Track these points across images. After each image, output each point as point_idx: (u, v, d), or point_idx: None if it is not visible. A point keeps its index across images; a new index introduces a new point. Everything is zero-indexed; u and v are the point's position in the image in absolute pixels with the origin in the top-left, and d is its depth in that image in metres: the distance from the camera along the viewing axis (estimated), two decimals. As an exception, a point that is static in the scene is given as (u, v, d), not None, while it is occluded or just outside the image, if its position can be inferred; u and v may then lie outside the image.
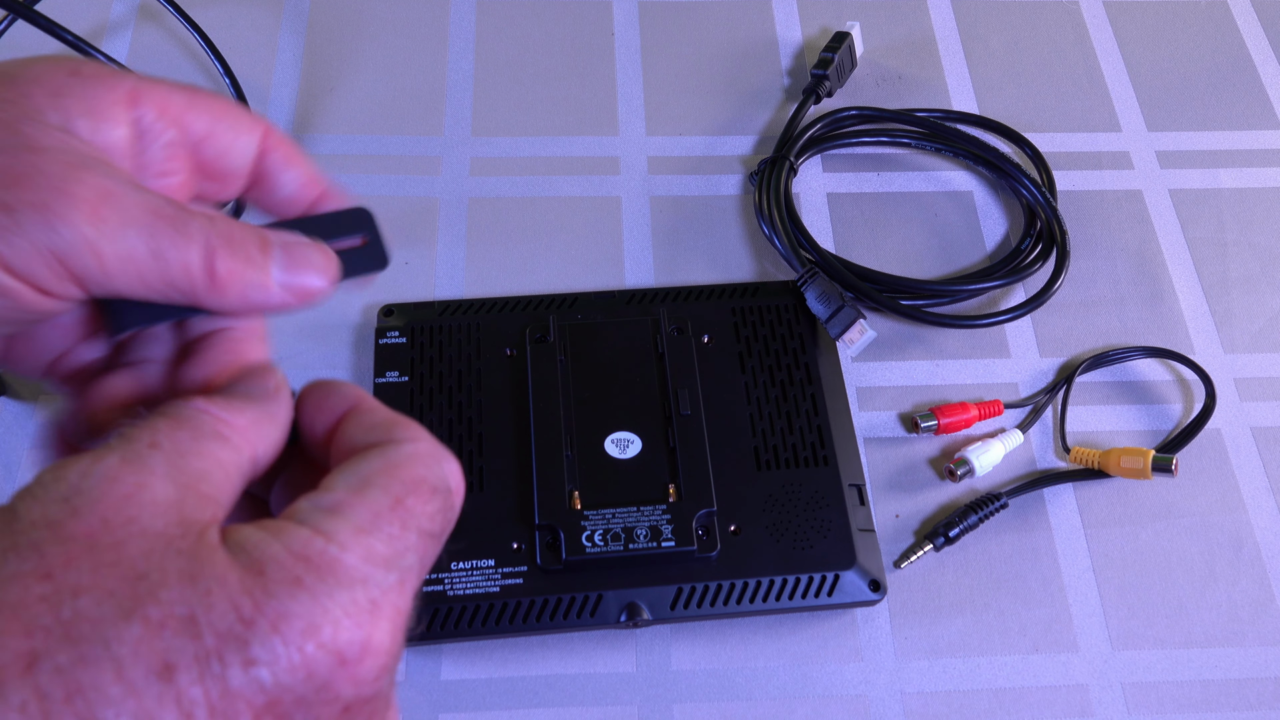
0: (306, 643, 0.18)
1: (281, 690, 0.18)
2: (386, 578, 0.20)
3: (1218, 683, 0.43)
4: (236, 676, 0.17)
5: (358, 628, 0.19)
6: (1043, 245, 0.53)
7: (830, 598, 0.42)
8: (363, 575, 0.19)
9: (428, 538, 0.21)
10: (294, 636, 0.18)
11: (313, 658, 0.18)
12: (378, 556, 0.20)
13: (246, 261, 0.23)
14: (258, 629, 0.18)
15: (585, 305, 0.50)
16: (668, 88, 0.60)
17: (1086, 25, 0.64)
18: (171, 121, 0.24)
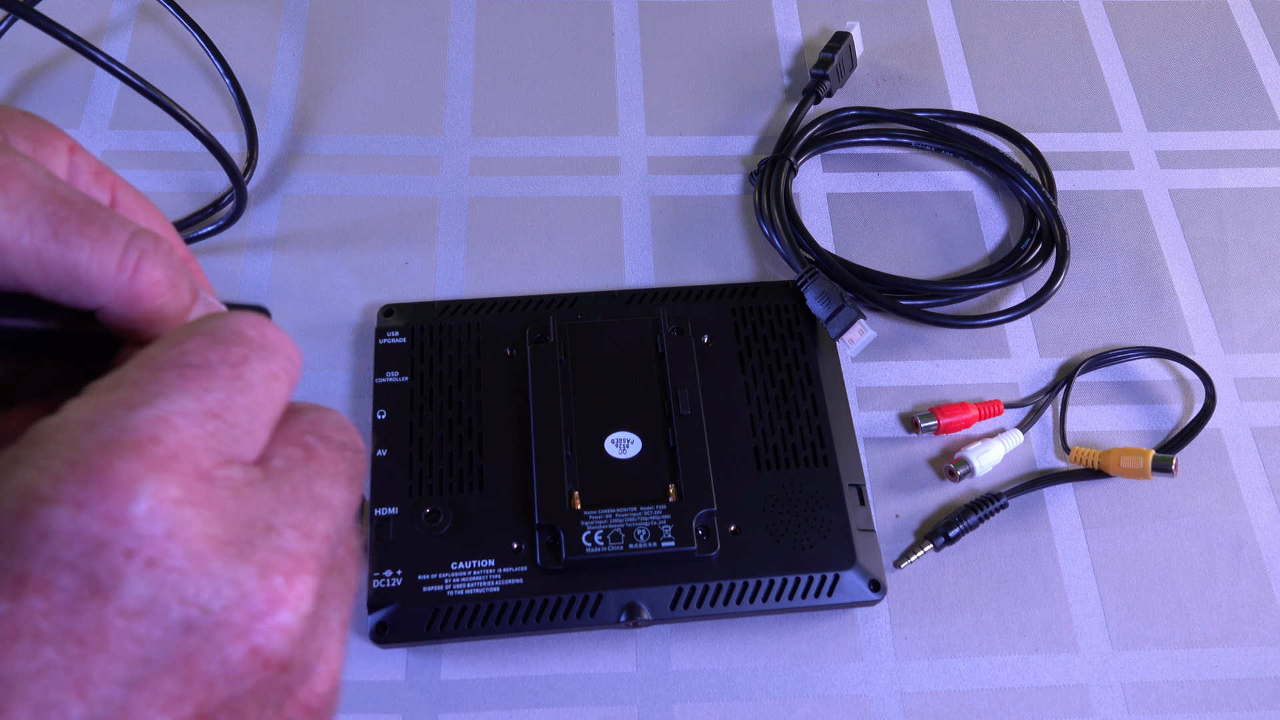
0: (25, 505, 0.17)
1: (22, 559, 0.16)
2: (131, 417, 0.18)
3: (1218, 683, 0.43)
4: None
5: (87, 474, 0.17)
6: (1043, 245, 0.53)
7: (830, 598, 0.42)
8: (89, 422, 0.18)
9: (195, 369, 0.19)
10: (11, 503, 0.17)
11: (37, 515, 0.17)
12: (113, 404, 0.18)
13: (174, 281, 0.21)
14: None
15: (585, 305, 0.50)
16: (668, 88, 0.60)
17: (1086, 25, 0.64)
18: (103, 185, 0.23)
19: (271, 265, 0.52)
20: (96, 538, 0.16)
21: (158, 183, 0.55)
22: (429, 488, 0.44)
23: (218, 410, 0.19)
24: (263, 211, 0.54)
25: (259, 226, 0.53)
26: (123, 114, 0.57)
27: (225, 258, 0.52)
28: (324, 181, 0.55)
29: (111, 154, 0.55)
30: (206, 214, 0.53)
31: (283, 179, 0.55)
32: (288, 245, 0.53)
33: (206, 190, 0.54)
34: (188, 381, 0.19)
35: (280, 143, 0.56)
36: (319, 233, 0.53)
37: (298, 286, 0.51)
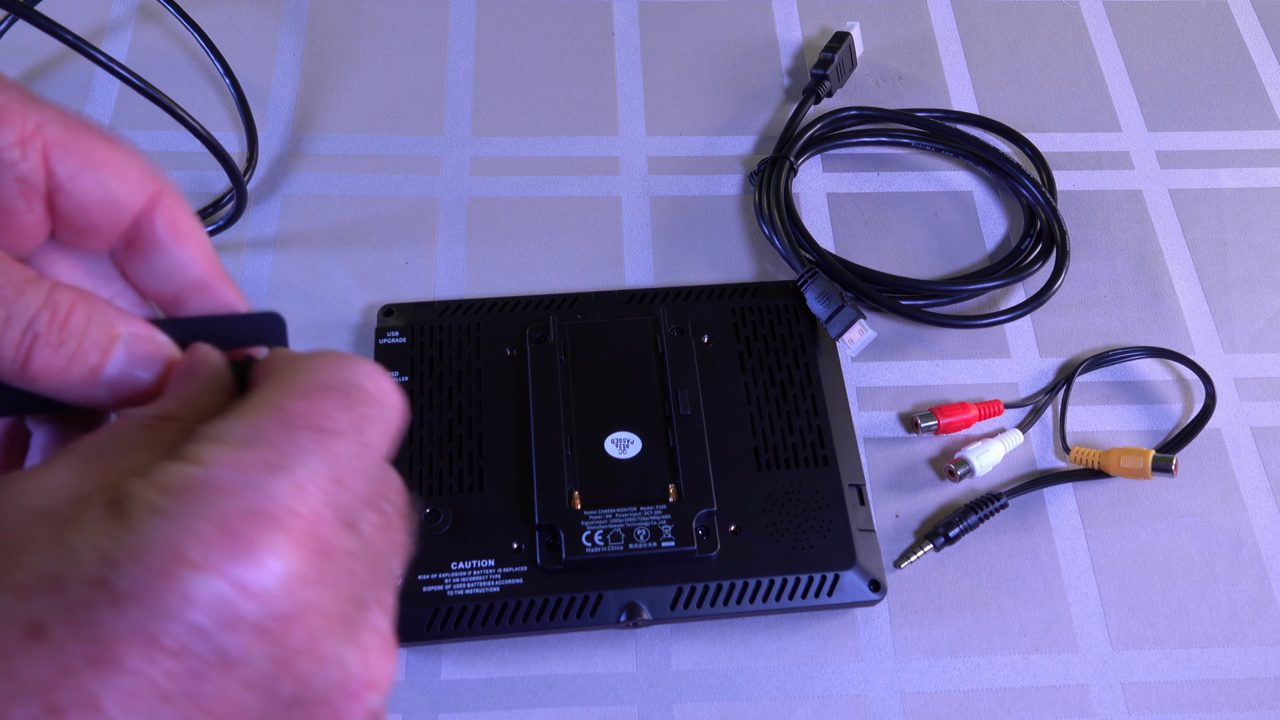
0: (172, 567, 0.16)
1: (163, 622, 0.16)
2: (272, 483, 0.18)
3: (1218, 683, 0.43)
4: (108, 619, 0.16)
5: (236, 539, 0.17)
6: (1043, 245, 0.53)
7: (830, 598, 0.42)
8: (233, 486, 0.17)
9: (329, 434, 0.19)
10: (156, 563, 0.16)
11: (185, 581, 0.16)
12: (254, 464, 0.18)
13: (73, 360, 0.20)
14: (118, 566, 0.16)
15: (585, 305, 0.50)
16: (668, 88, 0.60)
17: (1086, 25, 0.64)
18: (33, 152, 0.21)
19: (271, 265, 0.52)
20: (235, 612, 0.17)
21: (158, 183, 0.54)
22: (429, 487, 0.44)
23: (342, 478, 0.19)
24: (263, 211, 0.54)
25: (259, 226, 0.53)
26: (123, 114, 0.57)
27: (225, 258, 0.52)
28: (324, 181, 0.55)
29: (111, 154, 0.55)
30: (206, 214, 0.53)
31: (283, 179, 0.55)
32: (288, 245, 0.53)
33: (206, 190, 0.54)
34: (321, 446, 0.19)
35: (280, 143, 0.56)
36: (319, 233, 0.53)
37: (298, 286, 0.51)
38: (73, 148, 0.22)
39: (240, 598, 0.17)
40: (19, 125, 0.21)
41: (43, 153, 0.21)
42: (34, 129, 0.21)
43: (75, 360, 0.20)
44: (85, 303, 0.21)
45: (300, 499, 0.18)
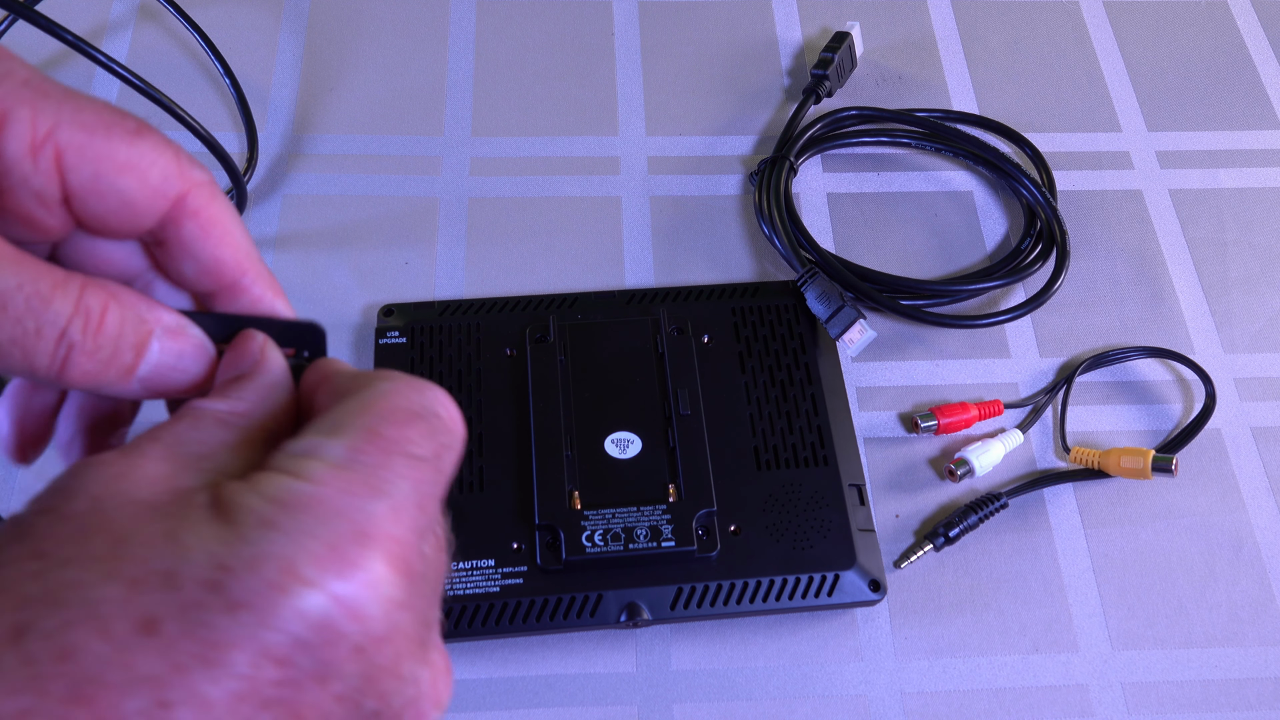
0: (286, 581, 0.17)
1: (270, 631, 0.17)
2: (372, 506, 0.19)
3: (1218, 683, 0.43)
4: (221, 623, 0.17)
5: (344, 560, 0.18)
6: (1043, 245, 0.53)
7: (830, 598, 0.42)
8: (340, 507, 0.19)
9: (417, 461, 0.20)
10: (269, 578, 0.17)
11: (295, 597, 0.17)
12: (357, 487, 0.19)
13: (107, 364, 0.21)
14: (234, 573, 0.17)
15: (585, 305, 0.50)
16: (668, 88, 0.60)
17: (1086, 25, 0.64)
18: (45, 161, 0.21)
19: (271, 265, 0.52)
20: (338, 629, 0.18)
21: (158, 183, 0.54)
22: (429, 488, 0.44)
23: (426, 503, 0.20)
24: (263, 211, 0.54)
25: (259, 226, 0.53)
26: (123, 114, 0.57)
27: (225, 258, 0.52)
28: (324, 181, 0.55)
29: (111, 154, 0.55)
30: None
31: (283, 179, 0.55)
32: (288, 245, 0.53)
33: (206, 190, 0.54)
34: (411, 472, 0.20)
35: (280, 143, 0.56)
36: (319, 233, 0.53)
37: (298, 286, 0.51)
38: (88, 153, 0.21)
39: (343, 616, 0.18)
40: (30, 130, 0.20)
41: (55, 160, 0.21)
42: (46, 134, 0.21)
43: (111, 363, 0.21)
44: (117, 303, 0.21)
45: (396, 524, 0.19)
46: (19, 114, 0.20)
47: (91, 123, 0.21)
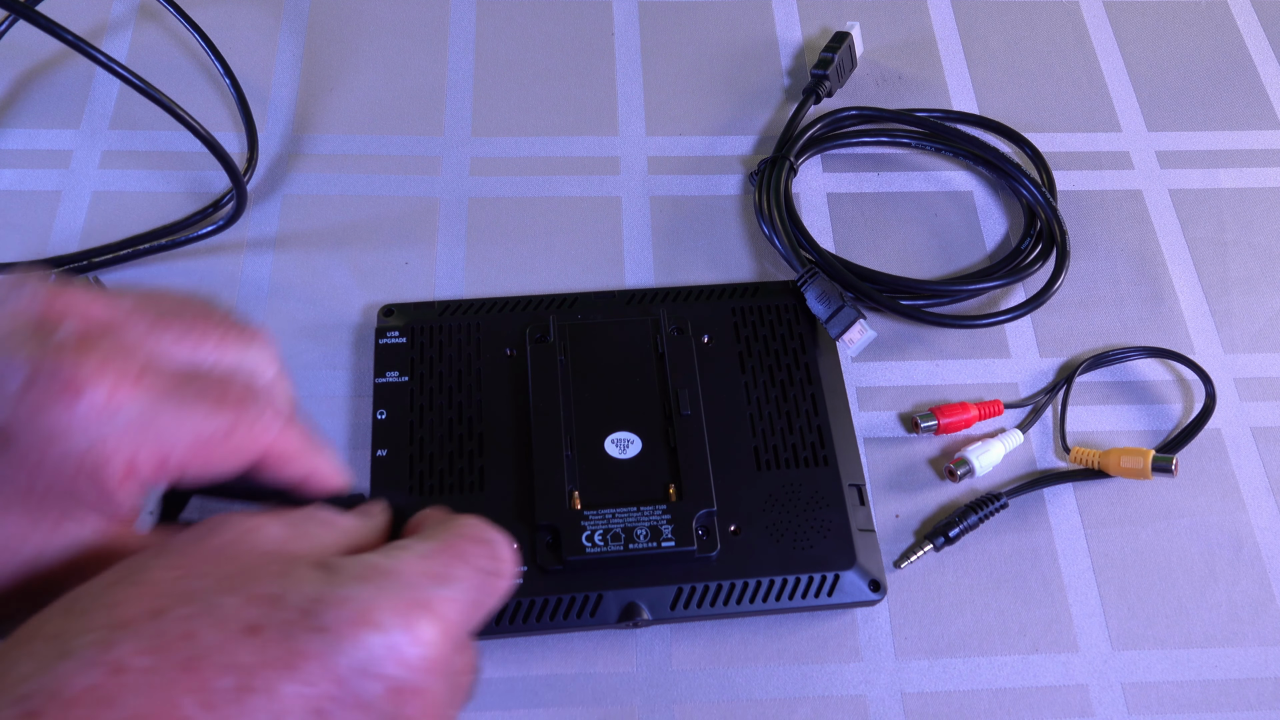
0: (361, 620, 0.22)
1: (339, 654, 0.22)
2: (436, 589, 0.24)
3: (1218, 683, 0.43)
4: (305, 639, 0.22)
5: (404, 617, 0.23)
6: (1043, 245, 0.53)
7: (830, 598, 0.42)
8: (414, 580, 0.24)
9: (478, 571, 0.26)
10: (351, 614, 0.22)
11: (365, 634, 0.22)
12: (430, 572, 0.24)
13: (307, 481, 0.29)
14: (326, 606, 0.22)
15: (585, 305, 0.50)
16: (668, 88, 0.60)
17: (1086, 25, 0.64)
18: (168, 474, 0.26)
19: (271, 265, 0.52)
20: (387, 670, 0.22)
21: (158, 183, 0.55)
22: (429, 487, 0.44)
23: (474, 604, 0.26)
24: (263, 211, 0.54)
25: (259, 226, 0.53)
26: (123, 114, 0.57)
27: (225, 258, 0.52)
28: (324, 181, 0.55)
29: (111, 154, 0.55)
30: (206, 214, 0.53)
31: (283, 179, 0.55)
32: (288, 245, 0.53)
33: (206, 190, 0.54)
34: (471, 579, 0.26)
35: (280, 143, 0.56)
36: (319, 233, 0.53)
37: (298, 286, 0.51)
38: (194, 466, 0.26)
39: (394, 661, 0.22)
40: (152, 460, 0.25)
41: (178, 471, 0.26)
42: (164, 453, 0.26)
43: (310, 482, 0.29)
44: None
45: (451, 608, 0.24)
46: (142, 453, 0.25)
47: (197, 441, 0.26)
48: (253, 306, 0.51)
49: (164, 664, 0.21)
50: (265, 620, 0.22)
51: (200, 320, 0.28)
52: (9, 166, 0.54)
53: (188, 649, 0.21)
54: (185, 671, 0.21)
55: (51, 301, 0.26)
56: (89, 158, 0.55)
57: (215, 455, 0.27)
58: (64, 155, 0.55)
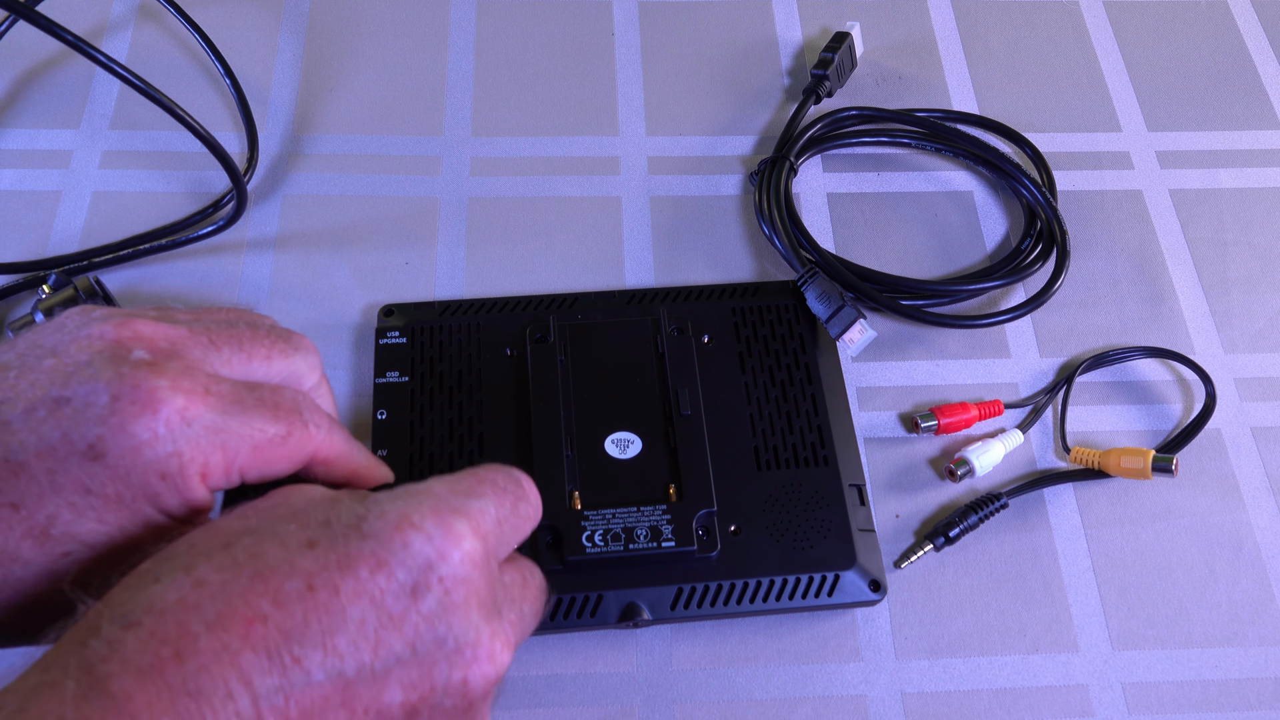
0: (401, 523, 0.27)
1: (387, 553, 0.26)
2: (466, 501, 0.28)
3: (1218, 683, 0.43)
4: (356, 545, 0.26)
5: (439, 518, 0.27)
6: (1043, 245, 0.53)
7: (830, 598, 0.42)
8: (445, 494, 0.28)
9: (502, 491, 0.30)
10: (392, 519, 0.27)
11: (406, 533, 0.26)
12: (458, 489, 0.29)
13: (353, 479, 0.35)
14: (370, 518, 0.27)
15: (585, 305, 0.50)
16: (668, 88, 0.60)
17: (1086, 25, 0.64)
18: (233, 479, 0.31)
19: (271, 265, 0.52)
20: (430, 560, 0.26)
21: (158, 183, 0.55)
22: (429, 488, 0.44)
23: (503, 520, 0.30)
24: (263, 211, 0.54)
25: (259, 226, 0.53)
26: (123, 114, 0.57)
27: (225, 258, 0.52)
28: (324, 181, 0.55)
29: (111, 154, 0.55)
30: (207, 214, 0.53)
31: (283, 179, 0.55)
32: (288, 245, 0.53)
33: (206, 190, 0.54)
34: (497, 496, 0.30)
35: (280, 143, 0.56)
36: (319, 233, 0.53)
37: (298, 287, 0.51)
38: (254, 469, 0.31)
39: (436, 555, 0.26)
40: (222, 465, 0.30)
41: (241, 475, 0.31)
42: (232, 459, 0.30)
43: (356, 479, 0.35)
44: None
45: (482, 516, 0.28)
46: (214, 459, 0.29)
47: (262, 439, 0.30)
48: (253, 307, 0.51)
49: (238, 576, 0.25)
50: (320, 536, 0.26)
51: (249, 334, 0.33)
52: (9, 166, 0.54)
53: (257, 564, 0.25)
54: (257, 580, 0.25)
55: (120, 330, 0.29)
56: (89, 158, 0.55)
57: (273, 458, 0.31)
58: (64, 155, 0.55)
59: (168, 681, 0.23)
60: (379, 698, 0.25)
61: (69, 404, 0.27)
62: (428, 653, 0.26)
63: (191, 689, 0.23)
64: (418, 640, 0.26)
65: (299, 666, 0.24)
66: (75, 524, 0.27)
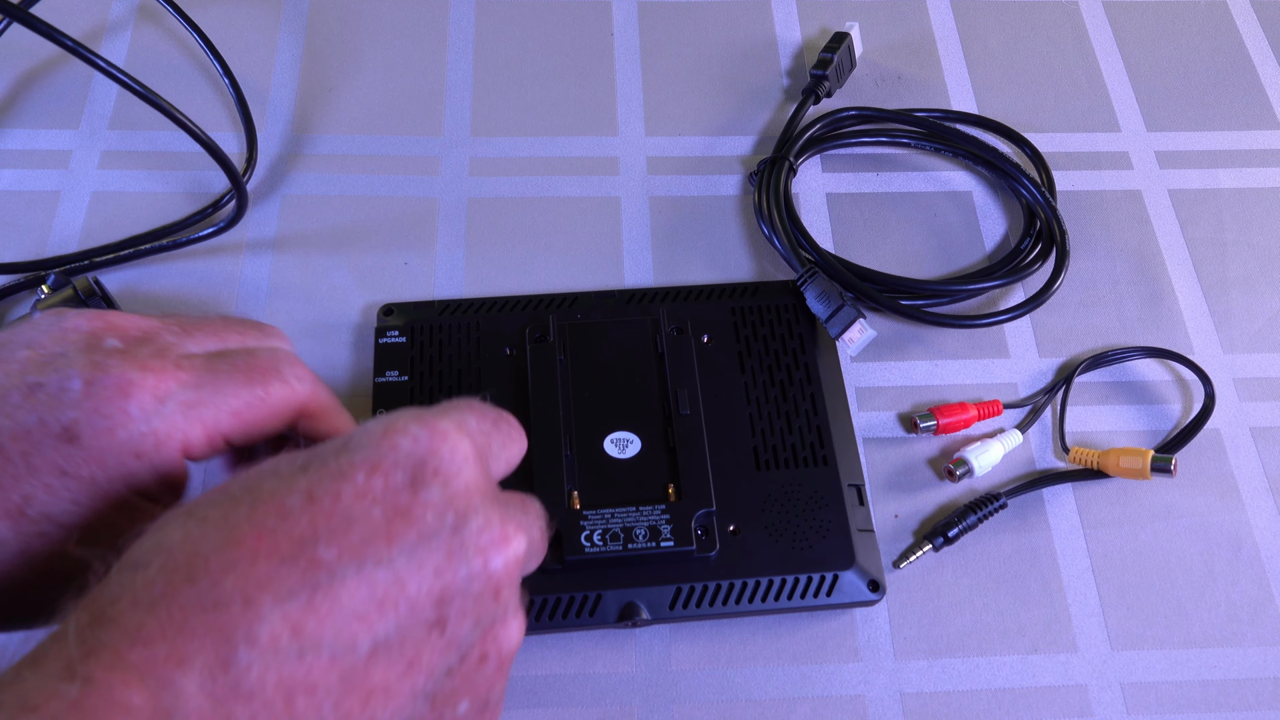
0: (388, 431, 0.27)
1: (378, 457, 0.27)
2: (445, 410, 0.29)
3: (1217, 683, 0.43)
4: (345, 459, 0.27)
5: (423, 423, 0.28)
6: (1042, 245, 0.53)
7: (829, 598, 0.42)
8: (422, 413, 0.28)
9: (479, 410, 0.30)
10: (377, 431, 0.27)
11: (394, 438, 0.27)
12: (436, 410, 0.29)
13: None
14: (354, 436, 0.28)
15: (585, 305, 0.50)
16: (667, 88, 0.60)
17: (1086, 25, 0.64)
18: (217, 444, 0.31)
19: (271, 265, 0.52)
20: (421, 457, 0.27)
21: (157, 183, 0.55)
22: (428, 488, 0.44)
23: (485, 431, 0.30)
24: (262, 212, 0.54)
25: (259, 227, 0.53)
26: (122, 114, 0.57)
27: (225, 258, 0.52)
28: (324, 181, 0.55)
29: (111, 154, 0.55)
30: (206, 215, 0.53)
31: (283, 179, 0.55)
32: (287, 245, 0.53)
33: (206, 190, 0.54)
34: (474, 411, 0.30)
35: (280, 143, 0.56)
36: (319, 233, 0.53)
37: (298, 286, 0.51)
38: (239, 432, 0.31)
39: (426, 451, 0.27)
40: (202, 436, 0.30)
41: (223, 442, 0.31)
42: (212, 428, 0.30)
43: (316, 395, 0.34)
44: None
45: (462, 420, 0.29)
46: (194, 432, 0.30)
47: (237, 402, 0.31)
48: (252, 307, 0.51)
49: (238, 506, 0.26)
50: (310, 460, 0.27)
51: (221, 321, 0.33)
52: (8, 167, 0.54)
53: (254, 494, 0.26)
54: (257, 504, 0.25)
55: (94, 321, 0.30)
56: (88, 158, 0.55)
57: (257, 420, 0.31)
58: (63, 155, 0.55)
59: (181, 604, 0.23)
60: (404, 589, 0.25)
61: (43, 389, 0.28)
62: (441, 540, 0.26)
63: (208, 603, 0.23)
64: (427, 529, 0.26)
65: (318, 567, 0.24)
66: (50, 504, 0.28)
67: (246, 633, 0.23)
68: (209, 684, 0.22)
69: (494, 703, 0.27)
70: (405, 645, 0.25)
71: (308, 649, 0.23)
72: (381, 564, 0.25)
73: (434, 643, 0.26)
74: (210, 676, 0.22)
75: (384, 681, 0.25)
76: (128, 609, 0.23)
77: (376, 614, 0.25)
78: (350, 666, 0.24)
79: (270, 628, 0.23)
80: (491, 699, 0.27)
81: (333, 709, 0.24)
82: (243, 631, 0.23)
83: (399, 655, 0.25)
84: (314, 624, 0.24)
